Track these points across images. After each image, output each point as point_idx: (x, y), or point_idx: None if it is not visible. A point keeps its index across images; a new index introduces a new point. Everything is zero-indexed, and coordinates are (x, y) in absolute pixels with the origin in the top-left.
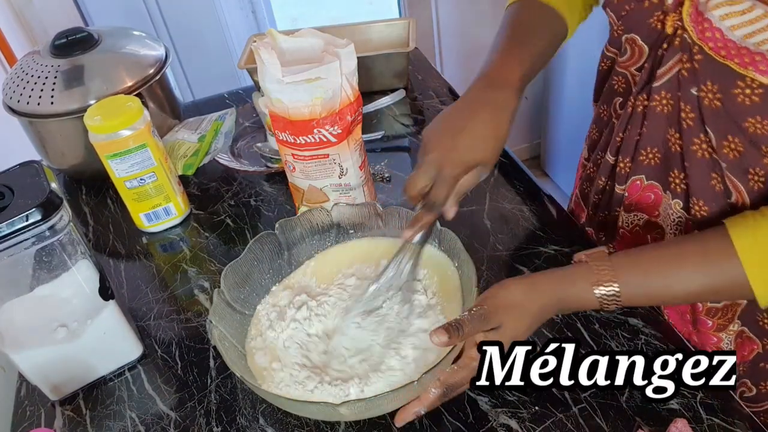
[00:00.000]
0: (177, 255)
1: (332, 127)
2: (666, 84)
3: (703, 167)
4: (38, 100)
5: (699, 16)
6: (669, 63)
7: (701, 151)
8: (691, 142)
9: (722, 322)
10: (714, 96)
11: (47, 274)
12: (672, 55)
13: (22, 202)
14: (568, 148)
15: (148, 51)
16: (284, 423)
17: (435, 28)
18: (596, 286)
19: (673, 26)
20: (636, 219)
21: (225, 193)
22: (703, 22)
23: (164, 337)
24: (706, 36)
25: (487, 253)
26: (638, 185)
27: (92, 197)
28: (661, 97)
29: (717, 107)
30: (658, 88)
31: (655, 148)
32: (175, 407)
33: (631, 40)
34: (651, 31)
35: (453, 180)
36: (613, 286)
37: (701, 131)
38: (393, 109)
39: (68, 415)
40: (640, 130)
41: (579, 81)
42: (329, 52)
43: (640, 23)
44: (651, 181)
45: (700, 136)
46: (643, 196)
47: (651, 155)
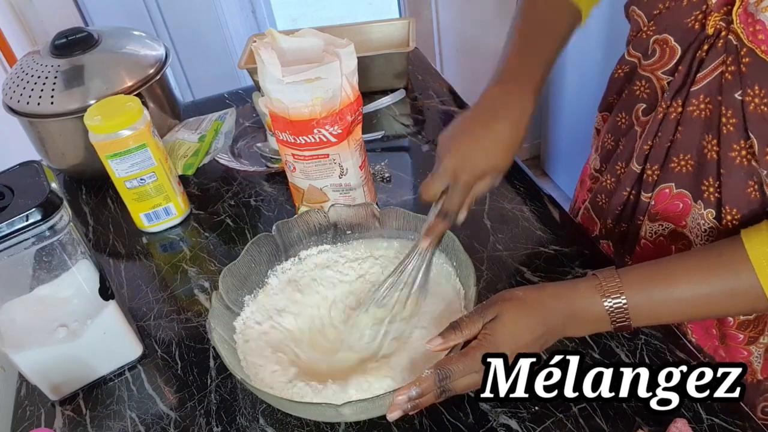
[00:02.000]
0: (177, 255)
1: (332, 127)
2: (705, 87)
3: (741, 174)
4: (38, 100)
5: (749, 17)
6: (711, 66)
7: (740, 158)
8: (729, 149)
9: (753, 335)
10: (761, 101)
11: (47, 274)
12: (714, 57)
13: (22, 202)
14: (569, 148)
15: (148, 51)
16: (284, 423)
17: (435, 28)
18: (603, 297)
19: (714, 26)
20: (661, 229)
21: (225, 193)
22: (755, 24)
23: (164, 337)
24: (759, 38)
25: (488, 253)
26: (666, 193)
27: (92, 197)
28: (699, 102)
29: (764, 112)
30: (697, 92)
31: (689, 155)
32: (175, 407)
33: (663, 41)
34: (687, 31)
35: (468, 187)
36: (621, 298)
37: (742, 137)
38: (393, 109)
39: (68, 415)
40: (673, 137)
41: (579, 81)
42: (329, 52)
43: (675, 23)
44: (681, 190)
45: (741, 142)
46: (671, 205)
47: (683, 162)
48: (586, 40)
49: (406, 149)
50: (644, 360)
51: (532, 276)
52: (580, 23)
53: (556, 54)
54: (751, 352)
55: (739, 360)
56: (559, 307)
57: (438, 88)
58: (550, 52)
